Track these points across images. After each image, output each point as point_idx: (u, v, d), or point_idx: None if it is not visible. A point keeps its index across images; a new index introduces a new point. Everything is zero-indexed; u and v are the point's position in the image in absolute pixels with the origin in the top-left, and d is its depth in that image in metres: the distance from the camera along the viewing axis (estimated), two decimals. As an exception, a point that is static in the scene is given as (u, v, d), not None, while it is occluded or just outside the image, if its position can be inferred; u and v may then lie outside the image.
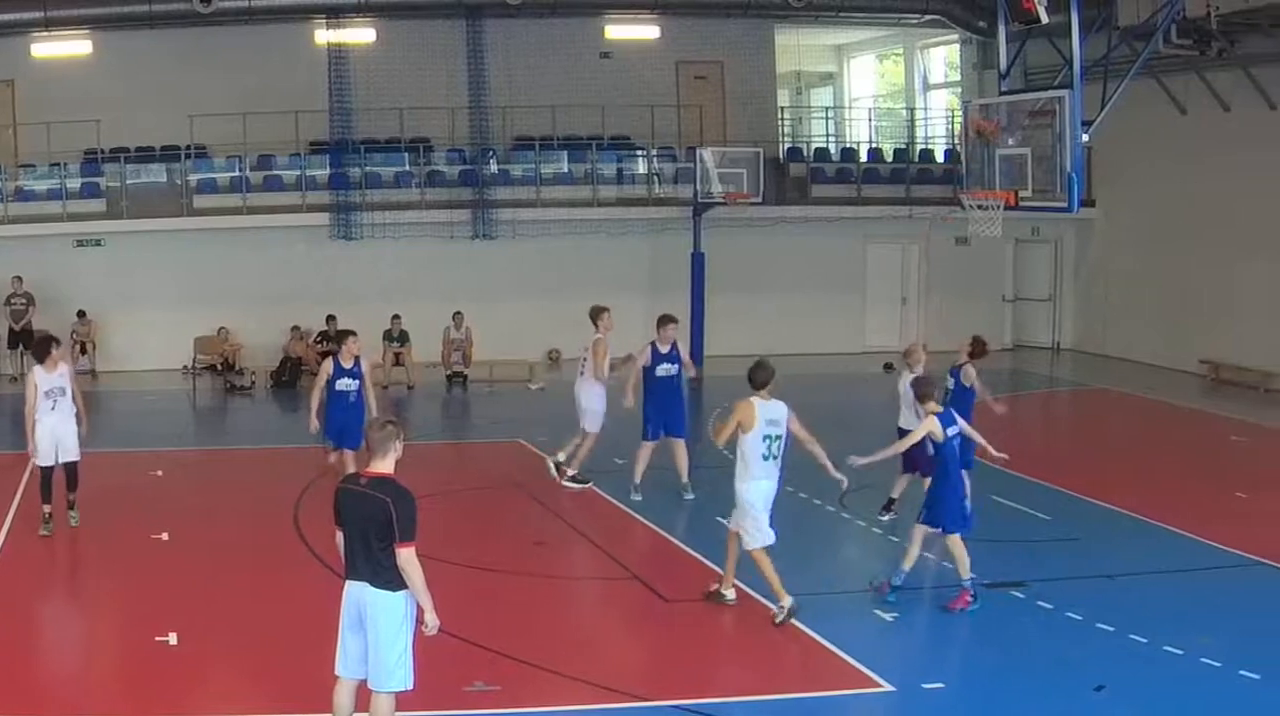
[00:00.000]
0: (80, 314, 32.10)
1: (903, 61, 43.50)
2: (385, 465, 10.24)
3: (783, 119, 39.08)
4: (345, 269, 33.33)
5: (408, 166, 34.80)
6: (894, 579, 14.70)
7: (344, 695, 10.45)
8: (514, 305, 33.73)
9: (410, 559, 9.94)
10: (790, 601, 14.05)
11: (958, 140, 33.29)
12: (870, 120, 42.03)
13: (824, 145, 39.29)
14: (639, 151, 36.38)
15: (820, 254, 35.85)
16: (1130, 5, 25.15)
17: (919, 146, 39.27)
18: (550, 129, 35.45)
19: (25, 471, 18.32)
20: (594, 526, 18.22)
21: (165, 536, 17.30)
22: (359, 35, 34.08)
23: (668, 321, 19.69)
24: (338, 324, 29.11)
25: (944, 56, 42.15)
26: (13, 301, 31.43)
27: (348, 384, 18.29)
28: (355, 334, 18.95)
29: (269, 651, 13.06)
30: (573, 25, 35.28)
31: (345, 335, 19.22)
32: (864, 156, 38.25)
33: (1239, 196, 31.04)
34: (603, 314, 20.02)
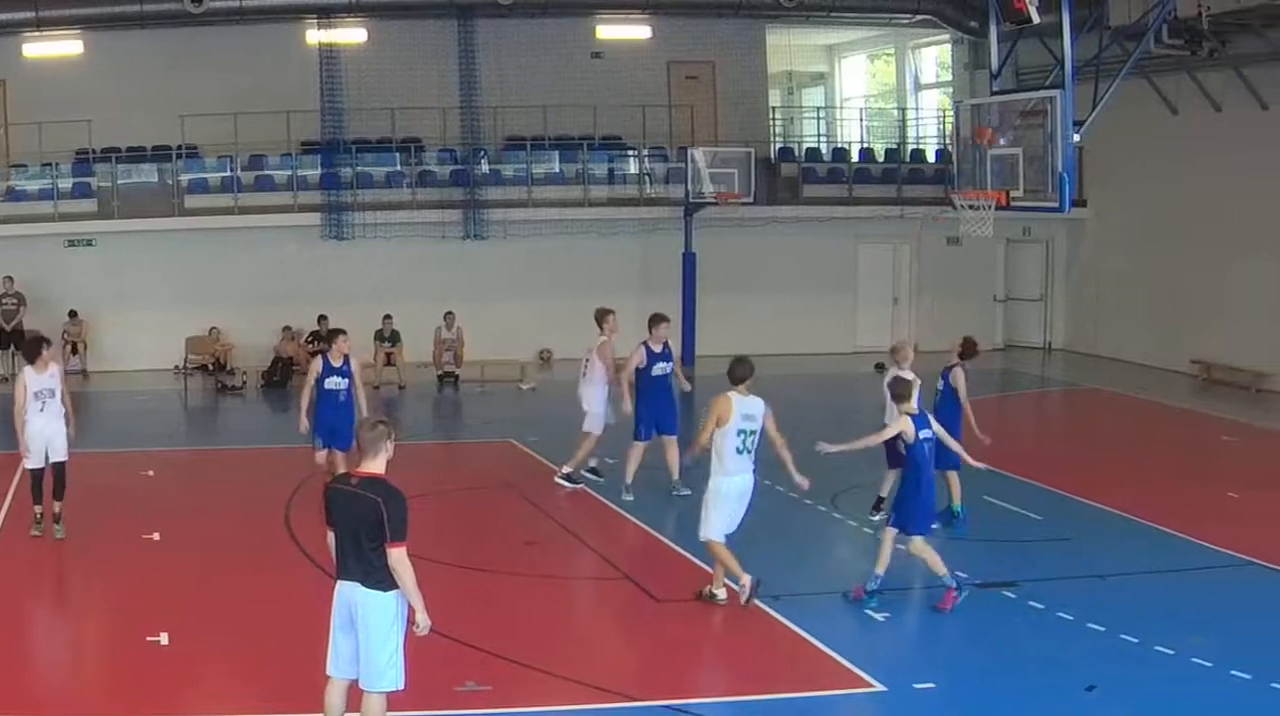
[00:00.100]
0: (72, 314, 32.06)
1: (894, 61, 43.49)
2: (376, 465, 10.22)
3: (774, 119, 39.09)
4: (337, 269, 33.28)
5: (399, 166, 34.73)
6: (869, 584, 14.65)
7: (335, 695, 10.45)
8: (505, 305, 33.71)
9: (401, 559, 9.92)
10: (750, 579, 14.24)
11: (949, 140, 33.35)
12: (862, 120, 42.09)
13: (815, 145, 39.33)
14: (630, 151, 36.36)
15: (812, 254, 35.83)
16: (1121, 5, 25.19)
17: (910, 146, 39.35)
18: (542, 129, 35.42)
19: (16, 472, 18.28)
20: (585, 526, 18.22)
21: (157, 536, 17.29)
22: (350, 35, 34.03)
23: (660, 320, 19.68)
24: (329, 324, 29.05)
25: (935, 56, 42.19)
26: (4, 301, 31.38)
27: (337, 383, 18.13)
28: (345, 333, 18.84)
29: (260, 651, 13.04)
30: (564, 25, 35.25)
31: (335, 334, 19.06)
32: (855, 156, 38.22)
33: (1230, 196, 31.05)
34: (608, 316, 19.97)
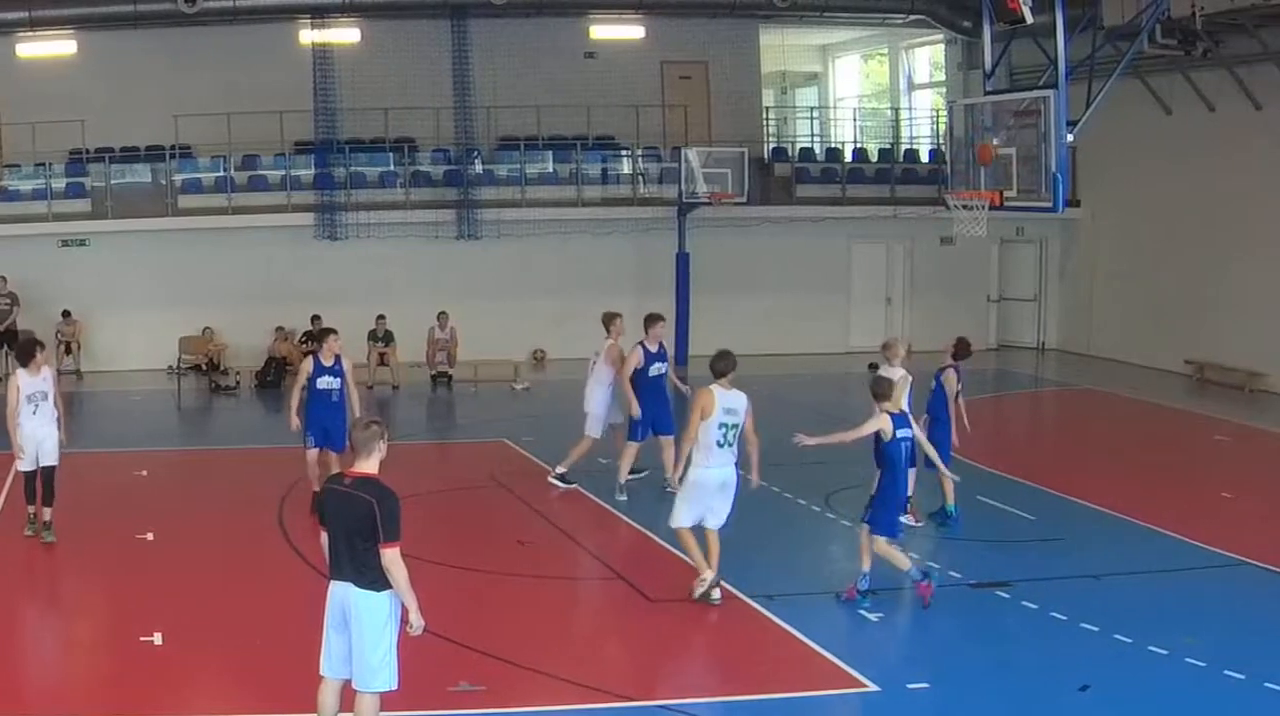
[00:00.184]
0: (65, 314, 31.99)
1: (887, 61, 43.58)
2: (370, 465, 10.22)
3: (767, 119, 39.12)
4: (330, 269, 33.23)
5: (392, 166, 34.74)
6: (860, 583, 14.66)
7: (328, 695, 10.44)
8: (499, 305, 33.68)
9: (395, 559, 9.92)
10: (710, 575, 14.42)
11: (943, 140, 33.36)
12: (855, 120, 42.13)
13: (809, 145, 39.27)
14: (624, 151, 36.33)
15: (805, 254, 35.86)
16: (1115, 5, 25.18)
17: (904, 146, 39.33)
18: (535, 129, 35.39)
19: (9, 473, 18.25)
20: (579, 526, 18.20)
21: (150, 536, 17.27)
22: (344, 35, 34.02)
23: (656, 320, 19.65)
24: (322, 324, 28.99)
25: (929, 56, 42.21)
26: (-3, 302, 31.37)
27: (329, 382, 18.05)
28: (335, 332, 18.76)
29: (254, 651, 13.02)
30: (558, 25, 35.26)
31: (325, 334, 18.99)
32: (849, 156, 38.25)
33: (1224, 197, 31.07)
34: (615, 320, 19.93)
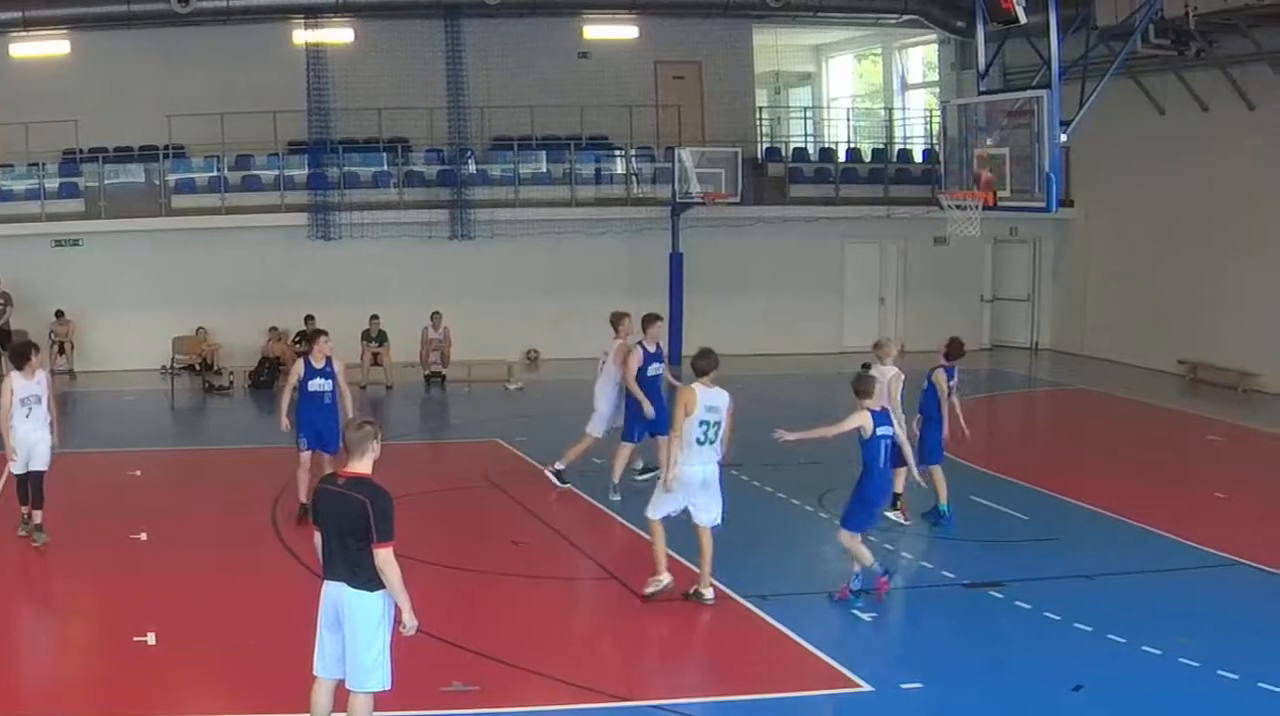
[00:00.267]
0: (58, 314, 31.98)
1: (881, 61, 43.58)
2: (363, 465, 10.20)
3: (761, 119, 39.13)
4: (323, 269, 33.22)
5: (386, 166, 34.73)
6: (852, 583, 14.68)
7: (322, 695, 10.43)
8: (492, 305, 33.68)
9: (388, 559, 9.91)
10: (668, 580, 14.57)
11: (936, 140, 33.38)
12: (848, 120, 42.12)
13: (802, 145, 39.37)
14: (617, 151, 36.36)
15: (798, 254, 35.88)
16: (1108, 5, 25.18)
17: (897, 146, 39.40)
18: (528, 129, 35.42)
19: (3, 474, 18.24)
20: (572, 526, 18.19)
21: (144, 536, 17.26)
22: (337, 35, 34.01)
23: (654, 320, 19.59)
24: (316, 324, 28.95)
25: (922, 56, 42.24)
26: (-10, 302, 31.36)
27: (321, 384, 17.86)
28: (326, 333, 18.66)
29: (247, 651, 13.01)
30: (551, 25, 35.26)
31: (316, 335, 18.87)
32: (842, 156, 38.24)
33: (1217, 196, 31.10)
34: (623, 319, 19.88)
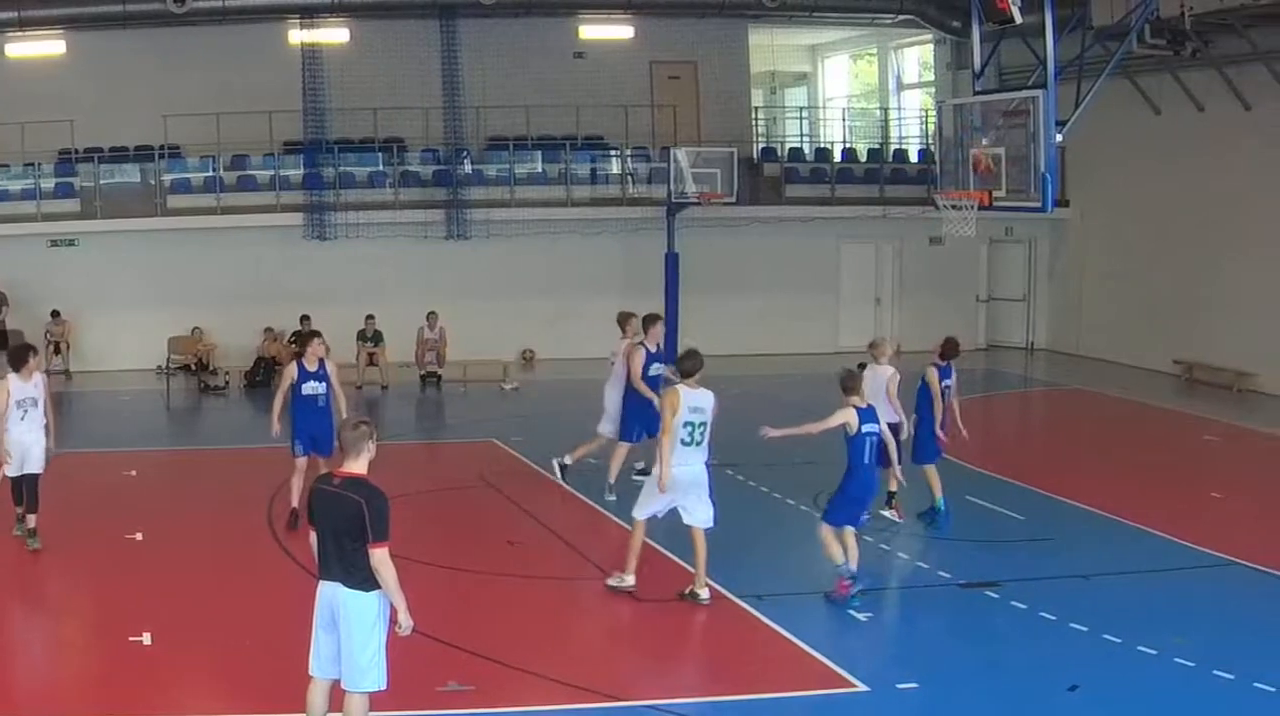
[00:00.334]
0: (54, 314, 31.96)
1: (877, 61, 43.57)
2: (359, 465, 10.20)
3: (757, 119, 39.16)
4: (319, 269, 33.19)
5: (381, 166, 34.68)
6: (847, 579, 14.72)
7: (317, 695, 10.43)
8: (488, 305, 33.67)
9: (383, 559, 9.91)
10: (632, 581, 14.78)
11: (932, 140, 33.38)
12: (844, 120, 42.08)
13: (798, 145, 39.35)
14: (613, 151, 36.34)
15: (794, 254, 35.86)
16: (1104, 5, 25.22)
17: (893, 146, 39.42)
18: (524, 129, 35.39)
19: (-1, 473, 18.25)
20: (568, 526, 18.17)
21: (139, 536, 17.25)
22: (333, 35, 33.98)
23: (655, 321, 19.57)
24: (311, 324, 28.93)
25: (918, 56, 42.24)
26: (-14, 302, 31.32)
27: (314, 387, 17.73)
28: (319, 335, 18.58)
29: (242, 651, 13.00)
30: (547, 25, 35.23)
31: (308, 337, 18.78)
32: (838, 156, 38.24)
33: (1213, 197, 31.10)
34: (631, 319, 19.86)
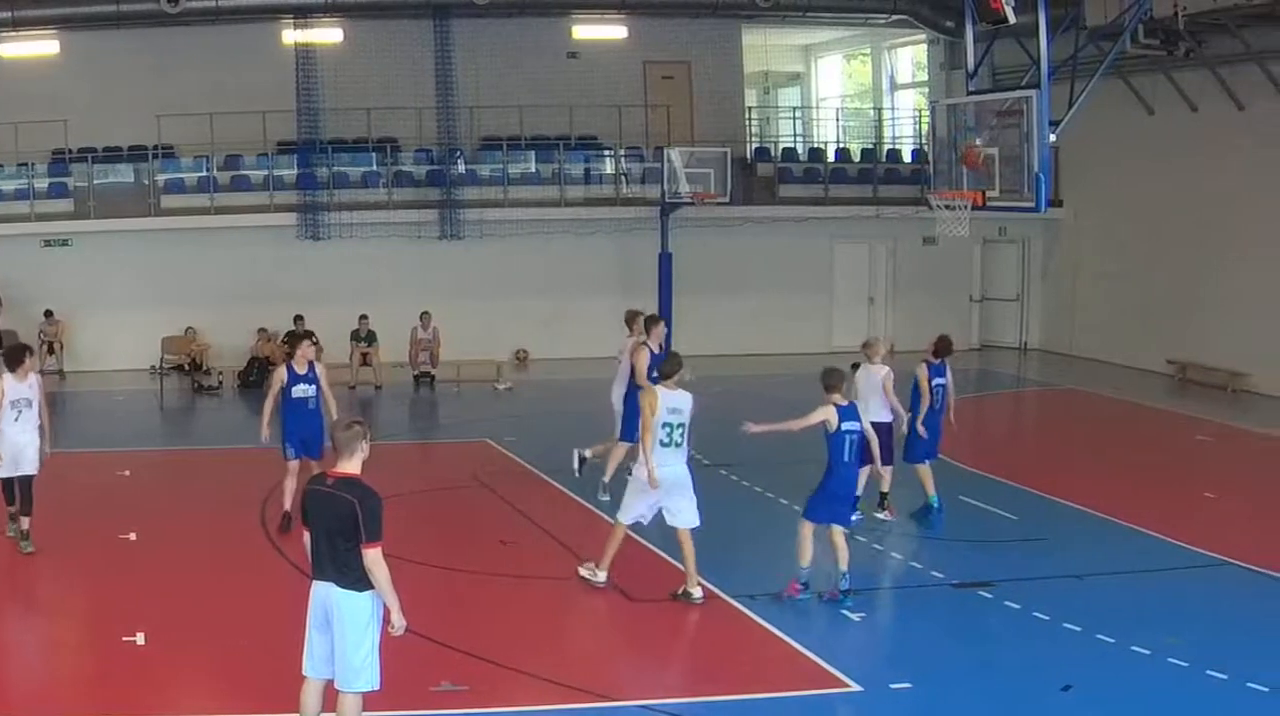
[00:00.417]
0: (47, 314, 31.92)
1: (870, 61, 43.63)
2: (352, 465, 10.20)
3: (750, 119, 39.17)
4: (313, 269, 33.17)
5: (375, 166, 34.69)
6: (840, 583, 14.69)
7: (311, 695, 10.42)
8: (481, 305, 33.67)
9: (376, 559, 9.91)
10: (604, 577, 14.98)
11: (925, 140, 33.35)
12: (838, 120, 42.13)
13: (791, 145, 39.34)
14: (606, 151, 36.32)
15: (788, 254, 35.87)
16: (1098, 5, 25.20)
17: (886, 146, 39.43)
18: (518, 129, 35.38)
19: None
20: (561, 526, 18.14)
21: (133, 536, 17.25)
22: (326, 35, 34.00)
23: (657, 322, 19.57)
24: (305, 324, 28.92)
25: (911, 56, 42.26)
26: (-21, 301, 31.24)
27: (304, 390, 17.58)
28: (311, 337, 18.55)
29: (236, 651, 13.00)
30: (540, 25, 35.27)
31: (298, 339, 18.59)
32: (831, 156, 38.30)
33: (1207, 196, 31.12)
34: (638, 318, 19.86)
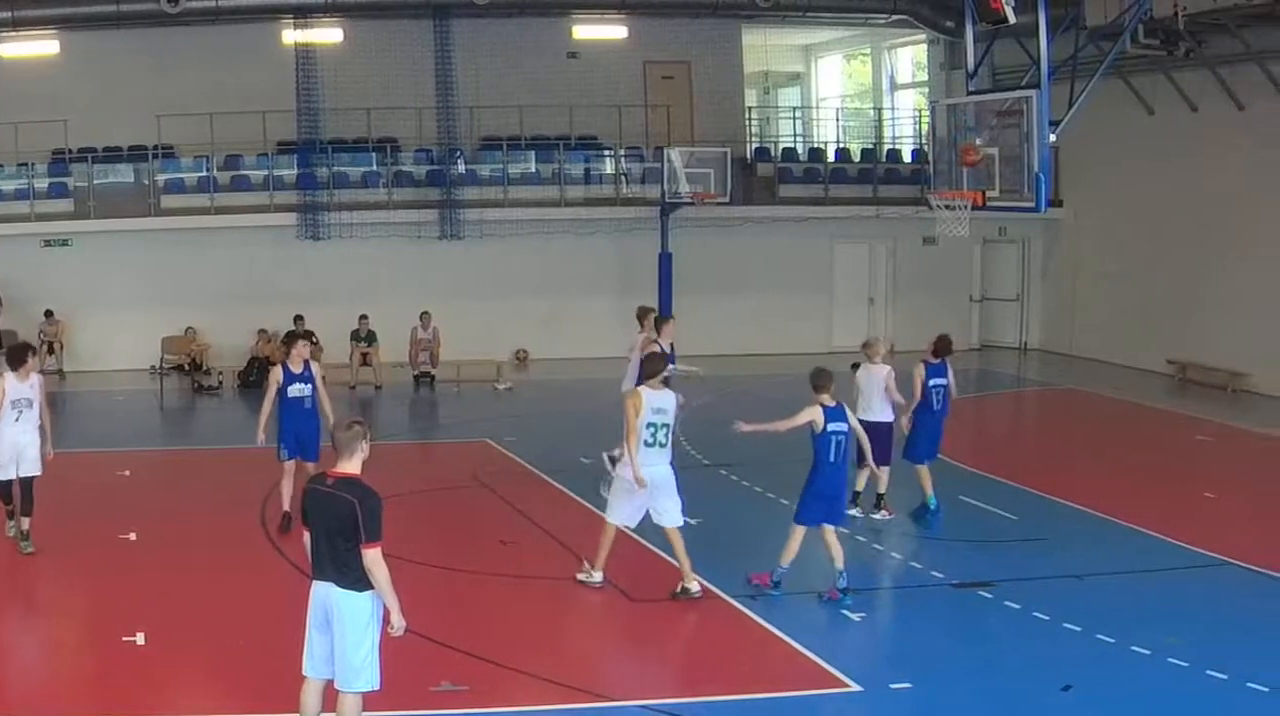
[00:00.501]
0: (48, 314, 31.93)
1: (870, 61, 43.62)
2: (352, 465, 10.20)
3: (750, 119, 39.16)
4: (313, 269, 33.18)
5: (375, 166, 34.69)
6: (839, 582, 14.70)
7: (311, 695, 10.42)
8: (481, 305, 33.67)
9: (376, 559, 9.91)
10: (599, 577, 15.06)
11: (925, 140, 33.35)
12: (838, 120, 42.13)
13: (791, 145, 39.34)
14: (606, 151, 36.32)
15: (788, 254, 35.87)
16: (1098, 5, 25.19)
17: (886, 146, 39.43)
18: (518, 129, 35.38)
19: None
20: (560, 526, 18.12)
21: (133, 536, 17.25)
22: (326, 35, 34.01)
23: (666, 320, 19.61)
24: (305, 324, 28.92)
25: (911, 56, 42.25)
26: (-21, 301, 31.24)
27: (300, 390, 17.56)
28: (310, 337, 18.53)
29: (236, 651, 13.00)
30: (540, 25, 35.28)
31: (293, 339, 18.55)
32: (831, 156, 38.30)
33: (1207, 196, 31.12)
34: (649, 314, 19.96)
